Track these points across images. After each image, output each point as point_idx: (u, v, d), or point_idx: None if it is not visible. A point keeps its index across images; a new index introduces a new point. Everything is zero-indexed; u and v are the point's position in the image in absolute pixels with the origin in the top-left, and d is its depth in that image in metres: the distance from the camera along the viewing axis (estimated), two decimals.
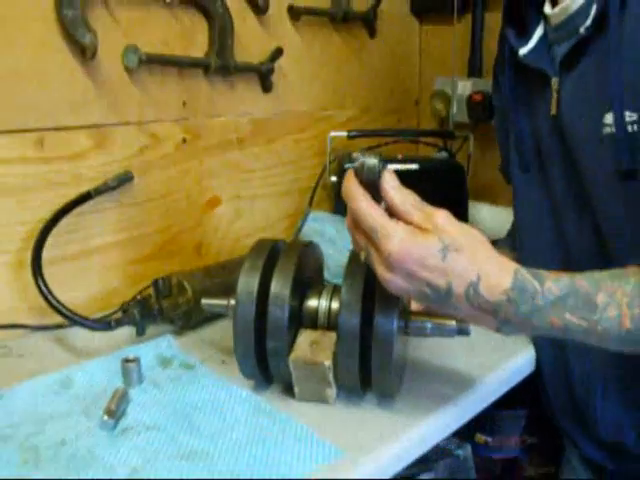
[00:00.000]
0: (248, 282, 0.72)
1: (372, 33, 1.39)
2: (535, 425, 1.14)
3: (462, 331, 0.72)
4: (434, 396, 0.76)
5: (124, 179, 0.99)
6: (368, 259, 0.63)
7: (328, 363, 0.70)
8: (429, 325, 0.73)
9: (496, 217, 1.27)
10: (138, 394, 0.77)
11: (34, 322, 0.94)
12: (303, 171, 1.29)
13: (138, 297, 0.89)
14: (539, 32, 0.81)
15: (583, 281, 0.61)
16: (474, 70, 1.39)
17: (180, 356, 0.86)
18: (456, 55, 1.39)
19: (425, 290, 0.60)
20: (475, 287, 0.60)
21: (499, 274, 0.60)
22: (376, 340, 0.68)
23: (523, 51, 0.81)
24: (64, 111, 0.93)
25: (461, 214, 1.27)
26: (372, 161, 0.61)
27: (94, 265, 1.00)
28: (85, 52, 0.90)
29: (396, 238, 0.58)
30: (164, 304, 0.90)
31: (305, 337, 0.73)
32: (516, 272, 0.61)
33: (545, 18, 0.80)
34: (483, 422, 1.10)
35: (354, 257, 0.73)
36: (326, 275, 1.02)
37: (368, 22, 1.37)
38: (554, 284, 0.61)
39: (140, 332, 0.88)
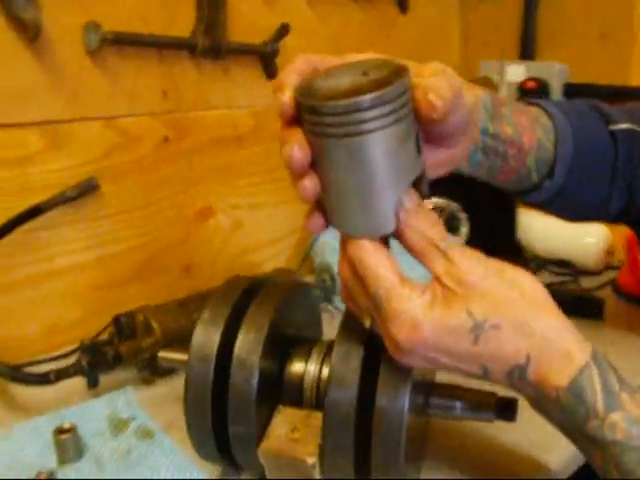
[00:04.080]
0: (204, 341, 0.52)
1: (404, 8, 1.19)
2: None
3: (505, 415, 0.51)
4: None
5: (87, 188, 0.81)
6: (374, 326, 0.45)
7: (312, 461, 0.49)
8: (458, 405, 0.52)
9: (550, 229, 1.04)
10: (72, 474, 0.59)
11: None
12: None
13: (86, 341, 0.70)
14: None
15: None
16: (527, 52, 1.21)
17: (139, 418, 0.68)
18: (505, 34, 1.21)
19: (453, 371, 0.44)
20: (522, 371, 0.41)
21: (559, 363, 0.40)
22: (378, 428, 0.48)
23: None
24: (8, 105, 0.75)
25: (507, 225, 1.04)
26: None
27: (50, 292, 0.82)
28: (27, 31, 0.71)
29: (407, 322, 0.41)
30: (122, 349, 0.71)
31: (283, 418, 0.52)
32: (584, 367, 0.40)
33: None
34: None
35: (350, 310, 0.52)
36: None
37: None
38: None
39: (92, 383, 0.70)
